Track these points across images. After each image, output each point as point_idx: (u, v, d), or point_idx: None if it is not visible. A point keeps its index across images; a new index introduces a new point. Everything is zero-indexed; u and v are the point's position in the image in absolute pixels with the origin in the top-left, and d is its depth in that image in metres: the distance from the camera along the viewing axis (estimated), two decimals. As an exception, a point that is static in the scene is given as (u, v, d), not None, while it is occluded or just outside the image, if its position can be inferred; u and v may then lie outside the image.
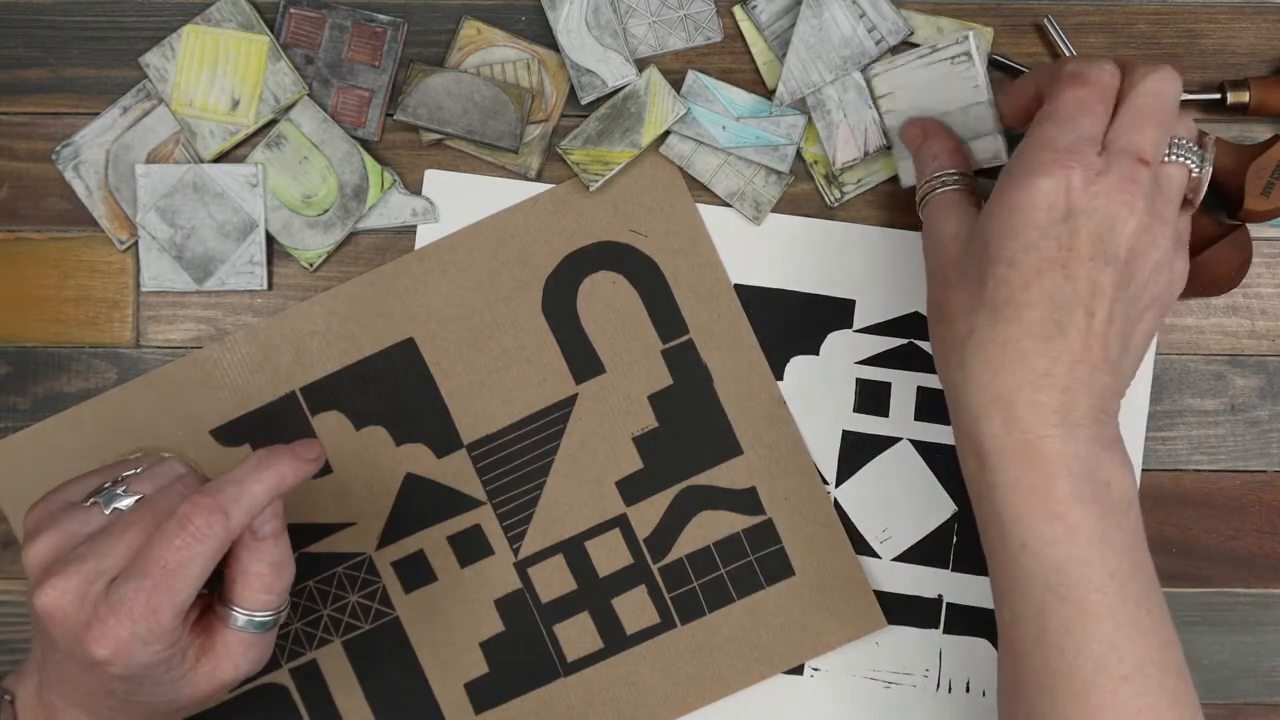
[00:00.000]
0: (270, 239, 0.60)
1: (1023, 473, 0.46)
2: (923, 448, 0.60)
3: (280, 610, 0.48)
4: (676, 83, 0.59)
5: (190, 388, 0.59)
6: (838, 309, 0.60)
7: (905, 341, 0.60)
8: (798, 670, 0.60)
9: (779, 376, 0.60)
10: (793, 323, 0.60)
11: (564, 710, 0.60)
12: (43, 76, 0.60)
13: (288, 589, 0.48)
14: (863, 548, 0.60)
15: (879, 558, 0.60)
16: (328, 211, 0.59)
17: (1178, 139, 0.49)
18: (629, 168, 0.59)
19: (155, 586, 0.43)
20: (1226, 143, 0.58)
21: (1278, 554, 0.61)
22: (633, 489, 0.60)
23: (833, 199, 0.60)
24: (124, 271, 0.60)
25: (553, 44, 0.59)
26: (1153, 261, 0.48)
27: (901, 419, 0.60)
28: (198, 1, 0.59)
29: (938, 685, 0.61)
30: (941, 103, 0.56)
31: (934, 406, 0.60)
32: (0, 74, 0.60)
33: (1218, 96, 0.59)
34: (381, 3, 0.60)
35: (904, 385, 0.60)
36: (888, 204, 0.60)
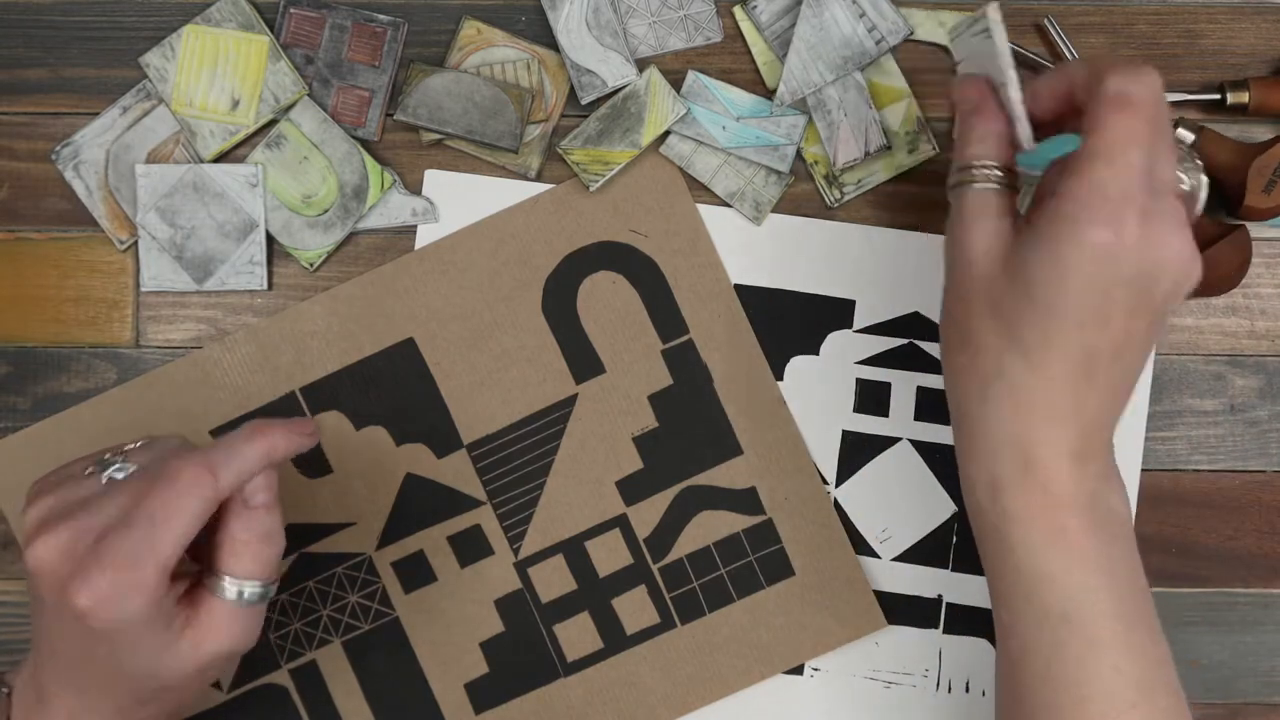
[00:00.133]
0: (270, 239, 0.60)
1: (1039, 509, 0.46)
2: (923, 448, 0.60)
3: (269, 584, 0.48)
4: (676, 83, 0.59)
5: (190, 388, 0.59)
6: (838, 309, 0.60)
7: (905, 341, 0.60)
8: (798, 670, 0.60)
9: (779, 376, 0.60)
10: (793, 323, 0.60)
11: (564, 710, 0.60)
12: (43, 76, 0.60)
13: (276, 562, 0.48)
14: (863, 548, 0.60)
15: (879, 558, 0.60)
16: (328, 211, 0.59)
17: (1180, 158, 0.49)
18: (629, 168, 0.59)
19: (140, 538, 0.43)
20: (1228, 141, 0.58)
21: (1277, 554, 0.61)
22: (633, 489, 0.60)
23: (833, 199, 0.60)
24: (124, 271, 0.60)
25: (553, 44, 0.59)
26: (1184, 293, 0.47)
27: (901, 419, 0.60)
28: (198, 1, 0.59)
29: (937, 685, 0.61)
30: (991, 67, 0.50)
31: (934, 406, 0.60)
32: (0, 74, 0.60)
33: (1218, 96, 0.59)
34: (381, 3, 0.60)
35: (904, 385, 0.60)
36: (888, 204, 0.60)
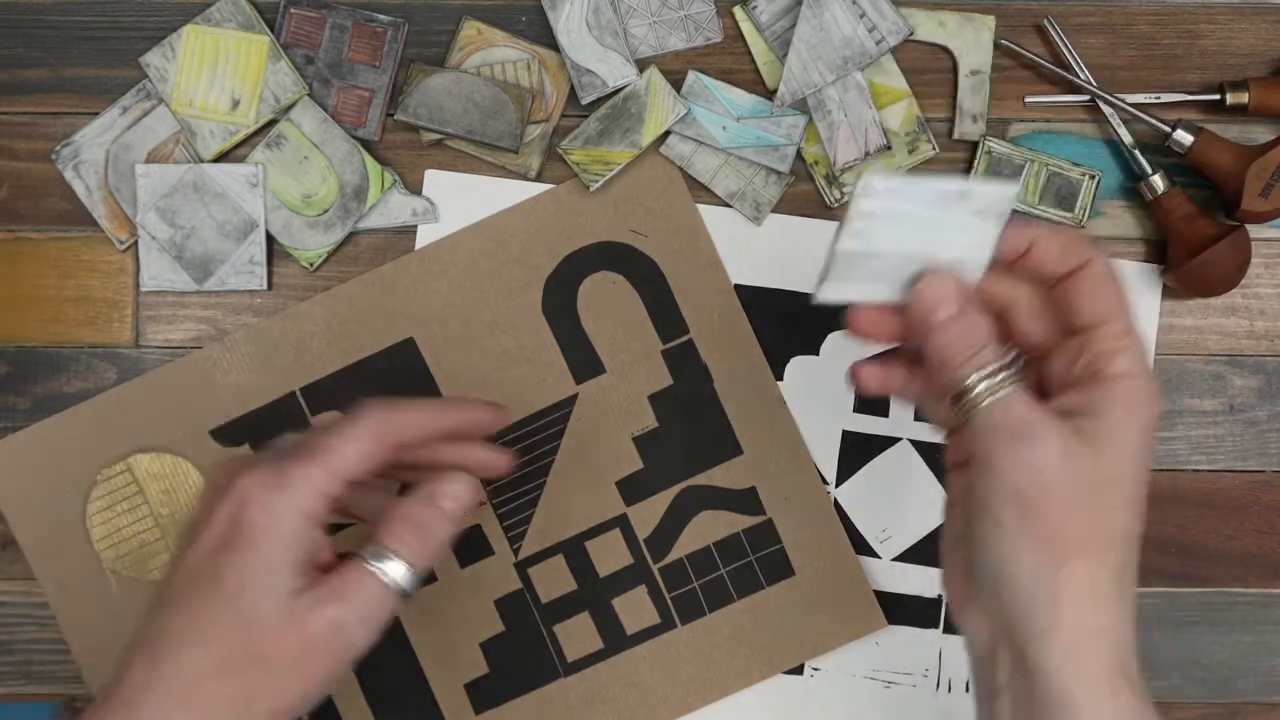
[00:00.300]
0: (270, 239, 0.60)
1: (1081, 657, 0.43)
2: (923, 448, 0.60)
3: (414, 575, 0.47)
4: (677, 83, 0.59)
5: (190, 388, 0.59)
6: (837, 309, 0.60)
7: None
8: (798, 670, 0.60)
9: (779, 376, 0.60)
10: (793, 323, 0.60)
11: (564, 710, 0.60)
12: (43, 76, 0.60)
13: (430, 557, 0.48)
14: (863, 548, 0.60)
15: (879, 558, 0.60)
16: (328, 211, 0.59)
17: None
18: (629, 168, 0.59)
19: (307, 456, 0.45)
20: (1227, 143, 0.58)
21: (1277, 554, 0.61)
22: (633, 489, 0.60)
23: (833, 199, 0.60)
24: (124, 271, 0.60)
25: (553, 44, 0.59)
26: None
27: (901, 419, 0.60)
28: (198, 1, 0.59)
29: (937, 685, 0.61)
30: (929, 247, 0.43)
31: (934, 406, 0.60)
32: (0, 74, 0.60)
33: (1217, 97, 0.59)
34: (382, 3, 0.60)
35: (904, 385, 0.60)
36: (888, 204, 0.60)
